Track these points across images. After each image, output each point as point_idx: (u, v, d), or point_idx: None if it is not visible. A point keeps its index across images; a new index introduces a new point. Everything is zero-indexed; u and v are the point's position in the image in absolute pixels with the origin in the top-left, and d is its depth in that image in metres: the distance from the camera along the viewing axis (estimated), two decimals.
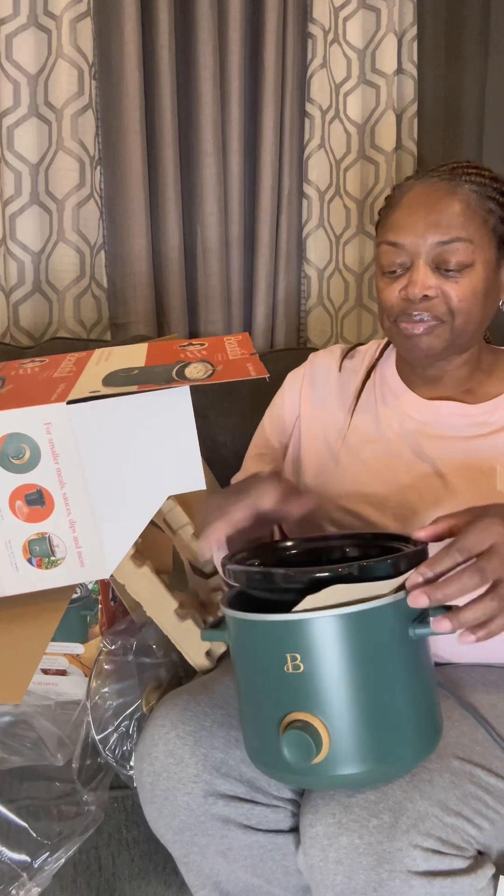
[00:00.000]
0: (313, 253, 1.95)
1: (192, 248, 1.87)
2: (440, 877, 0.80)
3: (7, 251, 1.70)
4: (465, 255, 1.01)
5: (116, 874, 1.15)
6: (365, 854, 0.80)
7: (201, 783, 0.90)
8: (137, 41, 1.70)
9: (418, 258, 1.02)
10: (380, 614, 0.77)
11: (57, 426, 0.88)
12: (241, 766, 0.92)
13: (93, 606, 1.12)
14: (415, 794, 0.83)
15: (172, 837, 0.94)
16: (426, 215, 1.01)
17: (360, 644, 0.77)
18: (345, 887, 0.81)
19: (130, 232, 1.77)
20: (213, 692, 0.97)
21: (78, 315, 1.78)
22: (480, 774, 0.88)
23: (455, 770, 0.87)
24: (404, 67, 1.97)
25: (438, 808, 0.82)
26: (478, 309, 1.03)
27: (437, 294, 1.02)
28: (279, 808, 0.93)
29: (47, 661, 1.13)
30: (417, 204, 1.03)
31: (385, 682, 0.78)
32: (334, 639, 0.77)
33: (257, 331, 1.92)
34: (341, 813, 0.82)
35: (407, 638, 0.79)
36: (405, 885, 0.79)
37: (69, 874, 1.13)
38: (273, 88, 1.84)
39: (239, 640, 0.82)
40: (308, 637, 0.77)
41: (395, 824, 0.80)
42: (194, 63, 1.78)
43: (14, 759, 1.09)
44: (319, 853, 0.82)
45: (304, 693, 0.77)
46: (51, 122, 1.69)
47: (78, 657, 1.13)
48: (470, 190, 1.02)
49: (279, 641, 0.78)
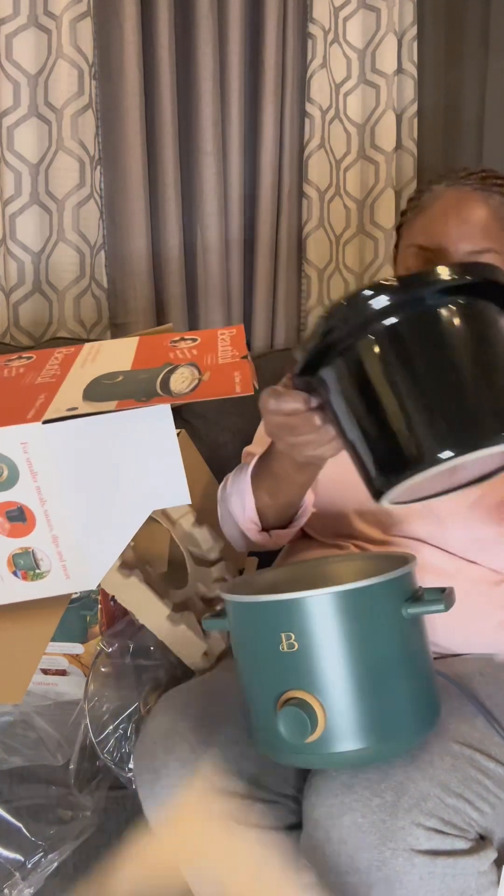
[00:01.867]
0: (313, 253, 1.95)
1: (192, 248, 1.86)
2: (442, 856, 0.80)
3: (7, 251, 1.70)
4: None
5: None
6: (368, 832, 0.80)
7: (200, 780, 0.90)
8: (137, 41, 1.70)
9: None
10: (370, 593, 0.80)
11: (33, 446, 0.87)
12: (241, 762, 0.92)
13: (92, 606, 1.12)
14: (416, 775, 0.83)
15: None
16: (459, 224, 1.02)
17: (352, 622, 0.79)
18: (348, 866, 0.81)
19: (130, 232, 1.77)
20: (212, 690, 0.97)
21: (78, 315, 1.78)
22: (480, 759, 0.88)
23: (455, 754, 0.87)
24: (404, 67, 1.97)
25: (440, 788, 0.83)
26: None
27: None
28: (279, 804, 0.93)
29: (47, 662, 1.13)
30: (450, 210, 1.03)
31: (378, 660, 0.80)
32: (326, 617, 0.79)
33: (257, 330, 1.92)
34: (343, 793, 0.83)
35: (399, 616, 0.81)
36: (408, 864, 0.79)
37: (68, 874, 1.13)
38: (273, 88, 1.84)
39: (237, 623, 0.85)
40: (301, 616, 0.79)
41: (397, 803, 0.81)
42: (194, 63, 1.78)
43: (13, 759, 1.09)
44: (323, 834, 0.83)
45: (299, 671, 0.79)
46: (51, 121, 1.69)
47: (77, 657, 1.13)
48: (499, 202, 1.03)
49: (273, 621, 0.80)
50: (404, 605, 0.82)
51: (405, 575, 0.84)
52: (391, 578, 0.81)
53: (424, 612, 0.82)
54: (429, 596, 0.83)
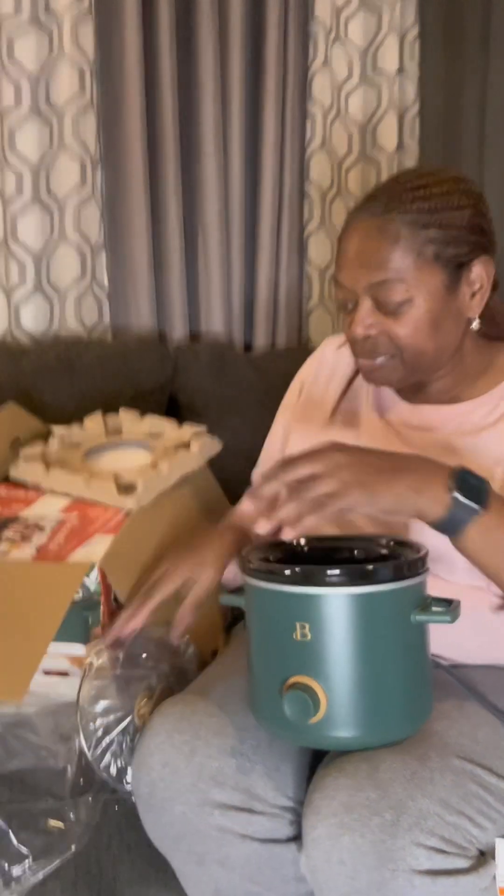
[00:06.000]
0: (315, 253, 1.95)
1: (193, 249, 1.86)
2: (443, 876, 0.79)
3: (8, 251, 1.70)
4: (400, 294, 0.99)
5: (117, 878, 1.14)
6: (368, 853, 0.80)
7: (197, 793, 0.90)
8: (138, 40, 1.70)
9: (359, 297, 1.02)
10: (386, 598, 0.85)
11: None
12: (238, 774, 0.91)
13: (94, 607, 1.11)
14: (416, 793, 0.82)
15: (170, 846, 0.94)
16: (357, 256, 1.01)
17: (365, 622, 0.84)
18: (348, 888, 0.81)
19: (131, 232, 1.77)
20: (209, 700, 0.97)
21: (79, 315, 1.77)
22: (482, 774, 0.88)
23: (456, 769, 0.87)
24: (406, 67, 1.97)
25: (440, 806, 0.82)
26: (427, 339, 1.01)
27: (380, 332, 1.01)
28: (276, 816, 0.92)
29: (48, 662, 1.13)
30: (352, 244, 1.02)
31: (383, 660, 0.85)
32: (342, 615, 0.84)
33: (258, 331, 1.92)
34: (343, 813, 0.82)
35: (408, 622, 0.86)
36: (408, 885, 0.79)
37: (69, 877, 1.12)
38: (274, 88, 1.84)
39: (255, 607, 0.90)
40: (318, 610, 0.84)
41: (397, 822, 0.80)
42: (195, 62, 1.78)
43: (13, 761, 1.08)
44: (322, 854, 0.82)
45: (309, 660, 0.84)
46: (52, 121, 1.69)
47: (79, 658, 1.12)
48: (402, 224, 0.99)
49: (291, 611, 0.85)
50: (414, 612, 0.86)
51: (420, 583, 0.88)
52: (407, 586, 0.86)
53: (432, 621, 0.87)
54: (436, 606, 0.88)
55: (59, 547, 1.14)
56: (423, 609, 0.86)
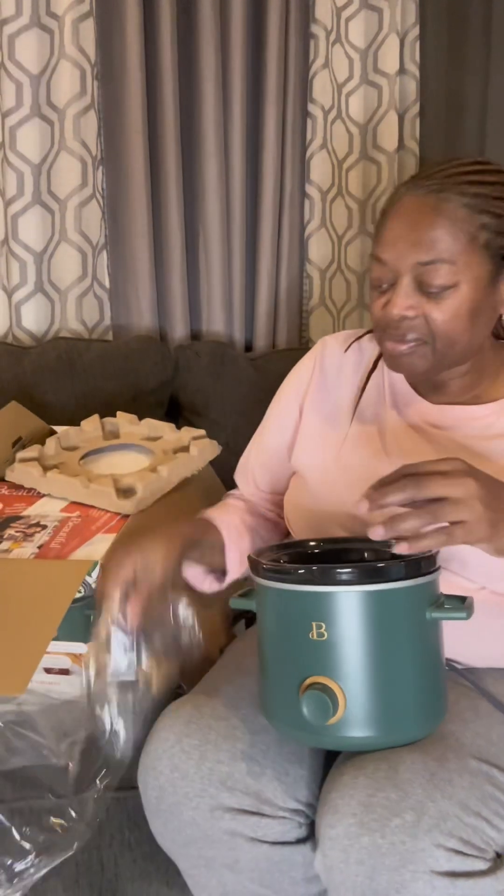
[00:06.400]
0: (315, 253, 1.95)
1: (194, 249, 1.87)
2: (462, 878, 0.79)
3: (9, 251, 1.71)
4: (446, 278, 0.95)
5: (118, 875, 1.14)
6: (388, 854, 0.79)
7: (207, 798, 0.89)
8: (139, 41, 1.70)
9: (400, 277, 0.97)
10: (402, 595, 0.85)
11: None
12: (247, 778, 0.91)
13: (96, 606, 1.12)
14: (436, 794, 0.82)
15: (179, 851, 0.94)
16: (408, 233, 0.96)
17: (381, 620, 0.84)
18: (366, 888, 0.80)
19: (132, 232, 1.77)
20: (217, 703, 0.96)
21: (80, 315, 1.78)
22: (497, 775, 0.88)
23: (473, 771, 0.86)
24: (406, 67, 1.97)
25: (459, 808, 0.82)
26: (463, 330, 0.98)
27: (417, 314, 0.97)
28: (286, 819, 0.91)
29: (49, 660, 1.13)
30: (402, 220, 0.97)
31: (399, 658, 0.85)
32: (358, 613, 0.84)
33: (259, 330, 1.93)
34: (362, 813, 0.81)
35: (423, 619, 0.86)
36: (428, 886, 0.78)
37: (71, 874, 1.13)
38: (275, 88, 1.84)
39: (269, 608, 0.89)
40: (334, 609, 0.84)
41: (417, 824, 0.80)
42: (196, 63, 1.78)
43: (14, 759, 1.08)
44: (340, 854, 0.81)
45: (326, 659, 0.84)
46: (53, 122, 1.69)
47: (80, 657, 1.13)
48: (459, 205, 0.95)
49: (307, 610, 0.84)
50: (429, 609, 0.86)
51: (434, 581, 0.88)
52: (422, 583, 0.85)
53: (447, 618, 0.86)
54: (450, 604, 0.87)
55: (60, 545, 1.15)
56: (437, 606, 0.86)
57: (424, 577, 0.86)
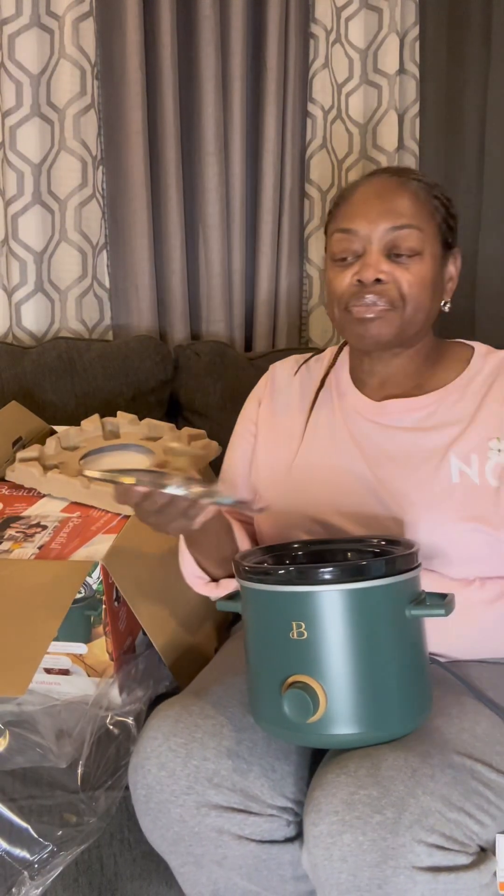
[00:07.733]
0: (315, 253, 1.95)
1: (194, 248, 1.87)
2: (444, 872, 0.80)
3: (9, 251, 1.71)
4: (415, 242, 1.04)
5: (118, 874, 1.15)
6: (369, 851, 0.80)
7: (194, 795, 0.90)
8: (139, 41, 1.71)
9: (371, 244, 1.04)
10: (379, 593, 0.86)
11: None
12: (234, 775, 0.91)
13: (96, 606, 1.12)
14: (417, 790, 0.83)
15: (168, 848, 0.95)
16: (379, 203, 1.05)
17: (360, 618, 0.85)
18: (349, 885, 0.81)
19: (132, 232, 1.78)
20: (205, 702, 0.97)
21: (80, 315, 1.78)
22: (482, 770, 0.88)
23: (456, 766, 0.87)
24: (406, 67, 1.97)
25: (441, 803, 0.83)
26: (426, 298, 1.05)
27: (389, 279, 1.03)
28: (274, 817, 0.92)
29: (50, 661, 1.13)
30: (370, 194, 1.06)
31: (380, 655, 0.86)
32: (337, 611, 0.85)
33: (259, 330, 1.93)
34: (344, 810, 0.82)
35: (403, 617, 0.87)
36: (409, 881, 0.79)
37: (71, 873, 1.13)
38: (275, 88, 1.84)
39: (251, 608, 0.91)
40: (312, 608, 0.85)
41: (398, 820, 0.81)
42: (196, 63, 1.78)
43: (17, 759, 1.08)
44: (324, 852, 0.82)
45: (306, 658, 0.85)
46: (53, 122, 1.69)
47: (81, 657, 1.13)
48: (417, 186, 1.06)
49: (287, 610, 0.86)
50: (408, 607, 0.87)
51: (413, 578, 0.89)
52: (400, 581, 0.86)
53: (427, 615, 0.88)
54: (431, 601, 0.89)
55: (61, 546, 1.15)
56: (417, 604, 0.87)
57: (402, 574, 0.87)
